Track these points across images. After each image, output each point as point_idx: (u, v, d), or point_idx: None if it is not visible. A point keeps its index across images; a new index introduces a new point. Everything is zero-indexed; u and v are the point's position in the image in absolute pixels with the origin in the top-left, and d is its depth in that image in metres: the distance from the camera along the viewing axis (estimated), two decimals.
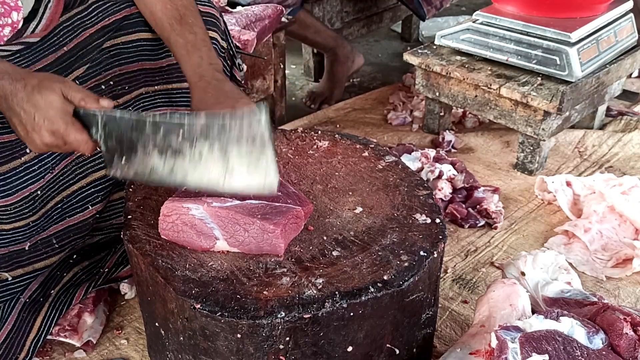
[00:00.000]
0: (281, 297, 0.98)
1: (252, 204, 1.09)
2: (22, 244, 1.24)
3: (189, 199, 1.08)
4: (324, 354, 1.02)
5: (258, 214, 1.07)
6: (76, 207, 1.33)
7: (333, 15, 2.78)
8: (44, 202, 1.25)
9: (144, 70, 1.40)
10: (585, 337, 1.03)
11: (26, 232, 1.23)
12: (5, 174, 1.17)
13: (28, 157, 1.20)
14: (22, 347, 1.29)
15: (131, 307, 1.49)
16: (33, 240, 1.26)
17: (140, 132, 1.06)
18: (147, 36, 1.39)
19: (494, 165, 2.10)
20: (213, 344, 1.01)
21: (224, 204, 1.08)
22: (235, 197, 1.08)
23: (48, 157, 1.23)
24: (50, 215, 1.28)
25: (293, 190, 1.16)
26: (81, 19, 1.33)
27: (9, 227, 1.21)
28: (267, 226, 1.06)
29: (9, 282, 1.26)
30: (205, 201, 1.08)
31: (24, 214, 1.21)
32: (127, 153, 1.09)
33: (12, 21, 1.22)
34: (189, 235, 1.09)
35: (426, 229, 1.14)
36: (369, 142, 1.42)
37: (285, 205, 1.10)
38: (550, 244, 1.69)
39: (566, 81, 1.88)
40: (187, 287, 1.01)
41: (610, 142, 2.16)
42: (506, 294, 1.17)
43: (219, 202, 1.08)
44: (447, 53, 2.14)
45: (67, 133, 1.05)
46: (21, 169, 1.19)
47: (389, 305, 1.02)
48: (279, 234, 1.06)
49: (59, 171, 1.26)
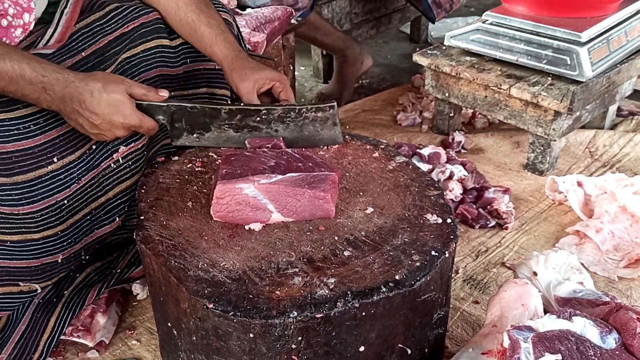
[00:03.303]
0: (293, 297, 0.98)
1: (294, 176, 1.16)
2: (55, 256, 1.25)
3: (239, 180, 1.14)
4: (336, 353, 1.02)
5: (305, 184, 1.16)
6: (104, 219, 1.35)
7: (342, 17, 2.78)
8: (71, 213, 1.26)
9: (162, 76, 1.42)
10: (598, 337, 1.02)
11: (57, 243, 1.25)
12: (30, 181, 1.18)
13: (55, 167, 1.21)
14: (36, 348, 1.30)
15: (143, 308, 1.50)
16: (66, 254, 1.27)
17: (214, 117, 1.30)
18: (165, 43, 1.41)
19: (504, 165, 2.09)
20: (226, 343, 1.01)
21: (270, 180, 1.15)
22: (276, 171, 1.17)
23: (74, 168, 1.25)
24: (79, 227, 1.29)
25: (321, 160, 1.24)
26: (100, 25, 1.34)
27: (39, 235, 1.22)
28: (318, 194, 1.15)
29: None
30: (254, 179, 1.14)
31: (52, 222, 1.23)
32: (199, 131, 1.33)
33: (24, 22, 1.23)
34: (243, 212, 1.15)
35: (437, 228, 1.14)
36: (379, 143, 1.42)
37: (322, 173, 1.18)
38: (562, 245, 1.68)
39: (577, 81, 1.87)
40: (199, 287, 1.01)
41: (622, 142, 2.15)
42: (518, 294, 1.16)
43: (266, 179, 1.15)
44: (456, 54, 2.14)
45: (141, 125, 1.23)
46: (47, 177, 1.20)
47: (400, 305, 1.03)
48: (329, 199, 1.16)
49: (85, 182, 1.28)
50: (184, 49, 1.44)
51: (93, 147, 1.27)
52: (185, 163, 1.35)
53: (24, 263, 1.23)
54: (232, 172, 1.16)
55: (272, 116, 1.29)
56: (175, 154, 1.40)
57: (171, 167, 1.34)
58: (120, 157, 1.32)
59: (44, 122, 1.19)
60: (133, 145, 1.34)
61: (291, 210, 1.17)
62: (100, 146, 1.29)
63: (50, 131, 1.20)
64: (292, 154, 1.24)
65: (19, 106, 1.17)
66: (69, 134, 1.22)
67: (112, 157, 1.31)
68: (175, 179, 1.29)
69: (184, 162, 1.36)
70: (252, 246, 1.11)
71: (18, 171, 1.17)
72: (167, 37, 1.40)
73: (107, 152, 1.30)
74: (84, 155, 1.25)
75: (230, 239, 1.12)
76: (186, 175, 1.31)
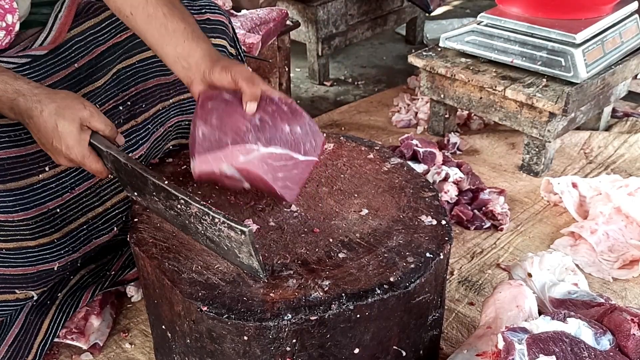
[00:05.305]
0: (287, 299, 0.98)
1: (277, 152, 1.10)
2: (51, 264, 1.25)
3: (217, 157, 1.08)
4: (331, 355, 1.02)
5: (279, 180, 1.12)
6: (102, 229, 1.35)
7: (337, 18, 2.78)
8: (66, 221, 1.26)
9: (160, 85, 1.41)
10: (592, 338, 1.02)
11: (54, 251, 1.25)
12: (23, 189, 1.19)
13: (46, 175, 1.22)
14: (29, 350, 1.29)
15: (138, 310, 1.49)
16: (63, 262, 1.27)
17: (144, 184, 1.10)
18: None
19: (499, 167, 2.09)
20: (220, 346, 1.01)
21: (248, 156, 1.08)
22: (260, 138, 1.08)
23: (66, 177, 1.25)
24: (76, 236, 1.29)
25: (309, 126, 1.16)
26: (94, 34, 1.33)
27: (34, 243, 1.22)
28: (285, 193, 1.14)
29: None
30: (232, 156, 1.08)
31: (47, 230, 1.22)
32: (135, 191, 1.14)
33: (7, 24, 1.21)
34: (221, 182, 1.14)
35: (432, 230, 1.14)
36: (374, 144, 1.42)
37: (302, 160, 1.14)
38: (557, 246, 1.68)
39: (571, 82, 1.87)
40: (193, 289, 1.01)
41: (616, 144, 2.15)
42: (513, 295, 1.16)
43: (245, 155, 1.08)
44: (451, 55, 2.14)
45: (83, 163, 1.10)
46: (38, 185, 1.21)
47: (395, 307, 1.02)
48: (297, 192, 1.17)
49: (80, 192, 1.27)
50: None
51: None
52: (180, 165, 1.35)
53: (19, 270, 1.23)
54: (210, 135, 1.08)
55: (190, 210, 1.04)
56: (169, 155, 1.39)
57: (166, 169, 1.34)
58: None
59: None
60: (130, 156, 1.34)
61: (261, 189, 1.17)
62: None
63: None
64: (279, 107, 1.12)
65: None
66: None
67: None
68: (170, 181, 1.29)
69: (179, 163, 1.36)
70: None
71: (10, 178, 1.17)
72: None
73: None
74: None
75: None
76: (181, 177, 1.30)
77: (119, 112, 1.35)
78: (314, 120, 2.12)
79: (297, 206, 1.21)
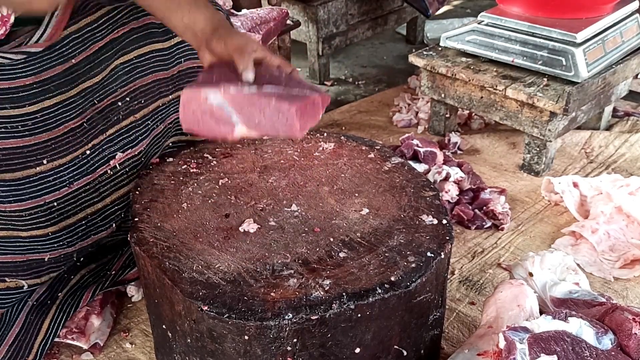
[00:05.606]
0: (288, 298, 0.98)
1: (269, 90, 1.06)
2: (42, 254, 1.25)
3: (207, 87, 1.06)
4: (332, 355, 1.02)
5: (274, 96, 1.05)
6: (100, 225, 1.35)
7: (338, 18, 2.78)
8: (63, 215, 1.26)
9: (158, 80, 1.41)
10: (594, 338, 1.02)
11: (46, 243, 1.25)
12: (18, 180, 1.19)
13: (43, 168, 1.22)
14: (30, 350, 1.29)
15: (138, 310, 1.49)
16: (55, 254, 1.27)
17: None
18: (159, 46, 1.40)
19: (500, 166, 2.09)
20: (220, 345, 1.01)
21: (240, 89, 1.06)
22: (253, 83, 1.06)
23: (65, 171, 1.25)
24: (74, 231, 1.29)
25: (311, 85, 1.13)
26: (91, 31, 1.33)
27: (26, 234, 1.22)
28: (282, 106, 1.03)
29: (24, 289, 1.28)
30: (222, 88, 1.05)
31: (41, 222, 1.23)
32: None
33: (2, 15, 1.20)
34: (208, 124, 1.07)
35: (433, 229, 1.14)
36: (374, 144, 1.42)
37: (303, 91, 1.08)
38: (557, 245, 1.68)
39: (572, 82, 1.87)
40: (194, 289, 1.01)
41: (617, 143, 2.15)
42: (514, 295, 1.16)
43: (236, 89, 1.06)
44: (452, 55, 2.14)
45: None
46: (35, 177, 1.21)
47: (396, 306, 1.02)
48: (293, 113, 1.03)
49: (79, 187, 1.28)
50: (178, 48, 1.43)
51: (87, 152, 1.27)
52: (180, 164, 1.35)
53: (9, 258, 1.23)
54: (208, 80, 1.08)
55: None
56: (169, 155, 1.39)
57: (166, 169, 1.34)
58: (117, 164, 1.32)
59: (32, 125, 1.20)
60: (130, 152, 1.34)
61: (254, 123, 1.06)
62: (95, 152, 1.28)
63: (41, 134, 1.20)
64: (282, 71, 1.12)
65: (6, 106, 1.17)
66: (61, 137, 1.22)
67: (108, 164, 1.31)
68: (170, 181, 1.29)
69: (179, 163, 1.36)
70: (247, 248, 1.10)
71: (5, 169, 1.17)
72: (160, 40, 1.40)
73: (103, 158, 1.30)
74: (76, 160, 1.25)
75: (225, 241, 1.12)
76: (181, 177, 1.30)
77: (118, 108, 1.34)
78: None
79: (297, 206, 1.21)
